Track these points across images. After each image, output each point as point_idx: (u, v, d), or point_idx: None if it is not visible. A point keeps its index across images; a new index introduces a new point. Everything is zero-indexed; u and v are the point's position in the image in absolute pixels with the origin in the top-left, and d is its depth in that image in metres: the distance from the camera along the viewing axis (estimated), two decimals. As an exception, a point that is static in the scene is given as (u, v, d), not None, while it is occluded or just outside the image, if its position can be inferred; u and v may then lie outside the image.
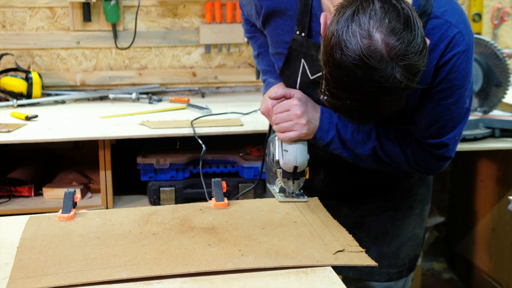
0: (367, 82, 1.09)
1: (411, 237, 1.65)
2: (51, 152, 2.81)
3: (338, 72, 1.11)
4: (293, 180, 1.44)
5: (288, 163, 1.41)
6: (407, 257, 1.66)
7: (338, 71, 1.11)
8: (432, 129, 1.39)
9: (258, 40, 1.62)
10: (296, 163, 1.41)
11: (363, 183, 1.59)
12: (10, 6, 2.87)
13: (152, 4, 2.96)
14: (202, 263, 1.12)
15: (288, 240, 1.23)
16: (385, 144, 1.42)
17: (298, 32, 1.41)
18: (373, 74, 1.08)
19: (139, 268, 1.10)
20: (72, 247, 1.19)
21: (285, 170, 1.42)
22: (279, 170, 1.44)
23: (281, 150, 1.42)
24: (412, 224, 1.65)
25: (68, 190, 1.38)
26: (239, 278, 1.08)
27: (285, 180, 1.44)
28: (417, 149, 1.42)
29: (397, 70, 1.08)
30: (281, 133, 1.42)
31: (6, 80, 2.73)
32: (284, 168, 1.42)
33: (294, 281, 1.08)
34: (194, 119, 2.41)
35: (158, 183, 2.42)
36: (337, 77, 1.12)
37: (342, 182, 1.60)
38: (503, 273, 2.78)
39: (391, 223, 1.62)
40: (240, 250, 1.18)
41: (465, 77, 1.33)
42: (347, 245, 1.22)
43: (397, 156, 1.43)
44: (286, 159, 1.41)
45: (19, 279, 1.06)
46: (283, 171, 1.43)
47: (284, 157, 1.41)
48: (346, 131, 1.42)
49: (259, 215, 1.37)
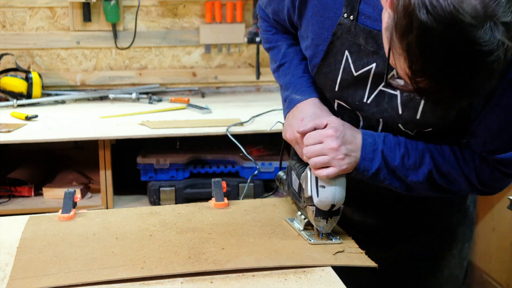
0: (463, 44, 0.89)
1: (449, 279, 1.47)
2: (51, 152, 2.81)
3: (424, 39, 0.91)
4: (327, 219, 1.23)
5: (325, 201, 1.20)
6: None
7: (424, 37, 0.90)
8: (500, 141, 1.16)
9: (281, 50, 1.41)
10: (334, 201, 1.20)
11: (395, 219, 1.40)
12: (10, 6, 2.87)
13: (152, 4, 2.96)
14: (202, 263, 1.12)
15: (288, 240, 1.23)
16: (443, 167, 1.20)
17: (346, 15, 1.19)
18: (469, 33, 0.88)
19: (139, 268, 1.10)
20: (72, 247, 1.19)
21: (319, 209, 1.21)
22: (312, 208, 1.22)
23: (316, 186, 1.21)
24: (450, 265, 1.46)
25: (68, 190, 1.38)
26: (239, 278, 1.08)
27: (318, 219, 1.22)
28: (483, 168, 1.20)
29: (496, 28, 0.89)
30: (316, 169, 1.20)
31: (6, 80, 2.73)
32: (319, 206, 1.21)
33: (294, 281, 1.08)
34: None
35: (158, 183, 2.42)
36: (423, 45, 0.91)
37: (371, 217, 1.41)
38: (503, 273, 2.78)
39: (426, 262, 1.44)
40: (240, 250, 1.18)
41: None
42: (347, 246, 1.22)
43: (457, 178, 1.21)
44: (322, 196, 1.20)
45: (19, 279, 1.06)
46: (316, 209, 1.21)
47: (320, 194, 1.20)
48: (394, 156, 1.20)
49: (259, 215, 1.37)
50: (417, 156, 1.21)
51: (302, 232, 1.28)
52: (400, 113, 1.19)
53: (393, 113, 1.20)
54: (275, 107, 2.57)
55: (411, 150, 1.21)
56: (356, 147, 1.20)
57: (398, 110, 1.19)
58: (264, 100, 2.85)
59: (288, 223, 1.33)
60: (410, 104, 1.18)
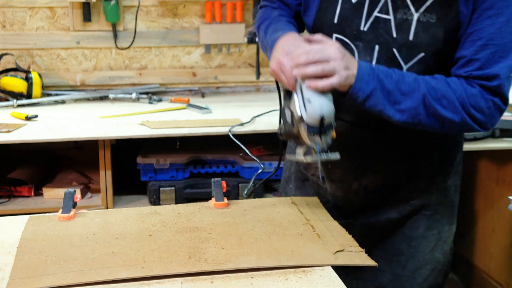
0: None
1: (429, 261, 1.52)
2: (51, 152, 2.81)
3: None
4: (321, 135, 1.23)
5: (314, 115, 1.21)
6: (426, 283, 1.52)
7: None
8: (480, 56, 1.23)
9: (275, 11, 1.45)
10: (322, 113, 1.20)
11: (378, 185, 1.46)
12: (10, 6, 2.87)
13: (152, 4, 2.96)
14: (202, 263, 1.12)
15: (288, 239, 1.23)
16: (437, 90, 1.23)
17: None
18: None
19: (139, 268, 1.10)
20: (72, 247, 1.19)
21: (310, 126, 1.22)
22: (304, 127, 1.23)
23: (303, 102, 1.22)
24: (430, 246, 1.51)
25: (68, 190, 1.38)
26: (239, 278, 1.08)
27: (312, 136, 1.23)
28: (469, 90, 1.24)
29: None
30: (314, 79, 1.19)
31: (6, 80, 2.73)
32: (309, 122, 1.21)
33: (294, 281, 1.08)
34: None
35: (158, 183, 2.42)
36: None
37: (353, 194, 1.48)
38: (503, 273, 2.78)
39: (406, 244, 1.51)
40: (240, 250, 1.18)
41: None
42: (347, 245, 1.21)
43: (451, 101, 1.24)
44: (310, 110, 1.21)
45: (19, 279, 1.06)
46: (308, 126, 1.22)
47: (307, 109, 1.21)
48: (389, 81, 1.23)
49: (259, 215, 1.37)
50: (411, 81, 1.23)
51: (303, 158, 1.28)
52: (395, 36, 1.28)
53: (388, 37, 1.28)
54: (275, 107, 2.57)
55: (406, 76, 1.24)
56: (354, 65, 1.22)
57: (393, 34, 1.28)
58: (264, 100, 2.85)
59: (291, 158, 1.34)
60: (403, 26, 1.26)
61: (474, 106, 1.25)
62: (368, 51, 1.32)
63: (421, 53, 1.28)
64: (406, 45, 1.28)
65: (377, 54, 1.31)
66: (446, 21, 1.25)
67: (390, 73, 1.24)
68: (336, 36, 1.35)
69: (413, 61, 1.29)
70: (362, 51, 1.33)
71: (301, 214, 1.39)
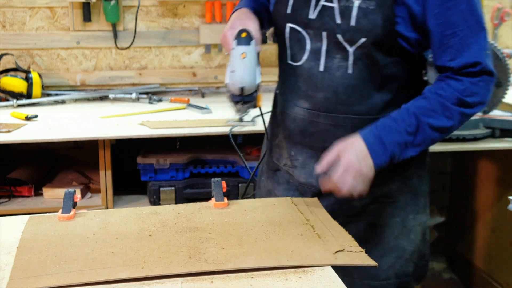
0: None
1: (394, 248, 1.56)
2: (51, 152, 2.81)
3: None
4: (242, 103, 1.39)
5: (235, 84, 1.35)
6: (392, 270, 1.56)
7: None
8: (453, 43, 1.36)
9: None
10: (242, 83, 1.35)
11: None
12: (10, 6, 2.87)
13: (152, 4, 2.96)
14: (202, 263, 1.12)
15: (288, 240, 1.23)
16: (435, 110, 1.39)
17: None
18: None
19: (139, 268, 1.10)
20: (72, 247, 1.19)
21: (232, 93, 1.37)
22: (228, 94, 1.39)
23: (228, 72, 1.36)
24: (394, 233, 1.56)
25: (68, 190, 1.37)
26: (239, 278, 1.08)
27: (233, 102, 1.39)
28: (459, 87, 1.38)
29: None
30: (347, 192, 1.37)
31: (6, 80, 2.73)
32: (231, 89, 1.36)
33: (294, 281, 1.08)
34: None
35: (158, 183, 2.42)
36: None
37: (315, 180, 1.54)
38: (503, 273, 2.78)
39: (370, 231, 1.54)
40: (240, 250, 1.18)
41: None
42: (347, 245, 1.22)
43: (451, 111, 1.39)
44: (231, 79, 1.35)
45: (19, 279, 1.06)
46: (231, 95, 1.38)
47: (230, 78, 1.35)
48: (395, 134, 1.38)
49: (259, 215, 1.37)
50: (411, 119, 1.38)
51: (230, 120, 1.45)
52: (338, 23, 1.40)
53: (332, 24, 1.41)
54: (275, 107, 2.57)
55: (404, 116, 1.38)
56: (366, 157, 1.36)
57: (336, 20, 1.40)
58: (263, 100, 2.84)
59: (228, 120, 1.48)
60: (346, 13, 1.39)
61: (469, 95, 1.39)
62: (318, 37, 1.44)
63: (362, 38, 1.38)
64: (349, 30, 1.39)
65: (326, 40, 1.43)
66: (384, 8, 1.37)
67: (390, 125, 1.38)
68: (289, 26, 1.49)
69: (356, 45, 1.40)
70: (313, 37, 1.45)
71: (301, 214, 1.39)
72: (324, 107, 1.48)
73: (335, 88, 1.45)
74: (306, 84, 1.49)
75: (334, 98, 1.46)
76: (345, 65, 1.42)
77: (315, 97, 1.47)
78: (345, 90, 1.45)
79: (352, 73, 1.43)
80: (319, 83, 1.46)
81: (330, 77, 1.45)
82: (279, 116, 1.62)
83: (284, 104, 1.58)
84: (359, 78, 1.43)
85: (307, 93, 1.49)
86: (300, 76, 1.50)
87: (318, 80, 1.46)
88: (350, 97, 1.45)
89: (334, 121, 1.48)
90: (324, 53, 1.44)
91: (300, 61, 1.49)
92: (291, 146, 1.57)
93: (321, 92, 1.47)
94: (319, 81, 1.46)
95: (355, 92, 1.44)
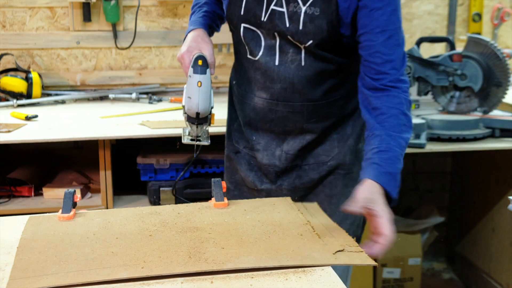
0: None
1: (348, 215, 1.64)
2: (51, 152, 2.81)
3: None
4: (197, 125, 1.52)
5: (191, 109, 1.48)
6: None
7: None
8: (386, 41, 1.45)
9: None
10: (198, 109, 1.48)
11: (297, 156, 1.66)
12: (10, 6, 2.87)
13: (152, 4, 2.96)
14: (202, 263, 1.12)
15: (288, 240, 1.23)
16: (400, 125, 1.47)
17: None
18: None
19: (139, 268, 1.10)
20: (72, 247, 1.19)
21: (189, 116, 1.51)
22: (185, 115, 1.52)
23: (186, 96, 1.49)
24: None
25: (68, 190, 1.38)
26: (239, 278, 1.08)
27: (189, 124, 1.52)
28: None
29: None
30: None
31: (6, 80, 2.73)
32: (188, 113, 1.50)
33: (294, 281, 1.08)
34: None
35: (158, 183, 2.42)
36: None
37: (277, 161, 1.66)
38: (503, 273, 2.78)
39: (327, 201, 1.66)
40: (240, 250, 1.18)
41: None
42: (346, 245, 1.22)
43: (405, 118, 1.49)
44: (188, 105, 1.48)
45: (19, 279, 1.06)
46: (187, 116, 1.51)
47: (187, 103, 1.48)
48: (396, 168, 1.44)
49: (259, 215, 1.37)
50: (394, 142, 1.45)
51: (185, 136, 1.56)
52: (288, 26, 1.50)
53: (282, 27, 1.50)
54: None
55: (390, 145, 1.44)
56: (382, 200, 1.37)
57: (286, 24, 1.50)
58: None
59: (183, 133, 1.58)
60: (294, 17, 1.49)
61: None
62: (271, 36, 1.54)
63: (310, 40, 1.49)
64: (298, 33, 1.49)
65: (278, 38, 1.53)
66: (328, 14, 1.46)
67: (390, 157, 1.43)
68: (243, 25, 1.57)
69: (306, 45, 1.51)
70: (266, 36, 1.55)
71: (301, 214, 1.39)
72: (282, 97, 1.59)
73: (291, 80, 1.56)
74: (264, 77, 1.59)
75: (291, 88, 1.57)
76: (298, 58, 1.54)
77: (273, 88, 1.58)
78: (300, 80, 1.56)
79: (304, 65, 1.54)
80: (276, 76, 1.57)
81: (285, 70, 1.56)
82: (237, 105, 1.74)
83: (243, 95, 1.68)
84: (312, 69, 1.55)
85: (265, 84, 1.59)
86: (258, 70, 1.60)
87: (274, 73, 1.57)
88: (305, 86, 1.57)
89: (292, 109, 1.60)
90: (278, 48, 1.55)
91: (257, 56, 1.58)
92: (251, 132, 1.69)
93: (278, 84, 1.58)
94: (275, 74, 1.57)
95: (309, 81, 1.56)
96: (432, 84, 2.54)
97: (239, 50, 1.65)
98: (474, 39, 2.53)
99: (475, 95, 2.52)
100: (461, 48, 2.63)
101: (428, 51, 3.11)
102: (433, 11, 3.21)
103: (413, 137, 2.31)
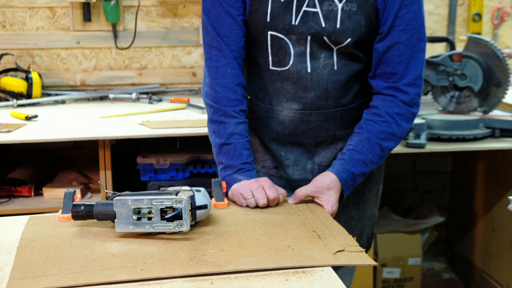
0: None
1: (370, 217, 1.74)
2: (51, 152, 2.81)
3: None
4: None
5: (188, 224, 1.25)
6: (366, 236, 1.76)
7: None
8: (402, 39, 1.48)
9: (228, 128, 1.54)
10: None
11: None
12: (10, 6, 2.87)
13: (152, 4, 2.96)
14: (202, 264, 1.12)
15: (288, 240, 1.23)
16: (386, 131, 1.51)
17: None
18: None
19: (138, 269, 1.10)
20: (72, 248, 1.19)
21: None
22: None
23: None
24: (371, 205, 1.74)
25: (68, 190, 1.37)
26: (239, 279, 1.08)
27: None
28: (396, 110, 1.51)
29: None
30: None
31: (6, 80, 2.73)
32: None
33: (294, 281, 1.08)
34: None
35: (158, 183, 2.42)
36: None
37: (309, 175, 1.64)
38: (503, 273, 2.78)
39: (356, 208, 1.69)
40: (240, 251, 1.18)
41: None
42: (347, 245, 1.21)
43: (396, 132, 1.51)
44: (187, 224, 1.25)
45: (19, 279, 1.06)
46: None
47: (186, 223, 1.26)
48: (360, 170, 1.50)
49: (259, 215, 1.37)
50: (369, 144, 1.49)
51: None
52: (324, 26, 1.47)
53: (318, 28, 1.47)
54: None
55: (368, 148, 1.49)
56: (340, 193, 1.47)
57: (322, 24, 1.47)
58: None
59: None
60: (330, 16, 1.46)
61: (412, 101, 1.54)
62: (301, 42, 1.50)
63: (348, 38, 1.47)
64: (335, 32, 1.47)
65: (309, 43, 1.50)
66: (366, 8, 1.46)
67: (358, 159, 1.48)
68: (270, 33, 1.51)
69: (341, 45, 1.49)
70: (295, 43, 1.50)
71: (301, 215, 1.39)
72: (315, 105, 1.56)
73: (325, 86, 1.53)
74: (296, 86, 1.54)
75: (325, 95, 1.54)
76: (330, 63, 1.51)
77: (306, 97, 1.55)
78: (333, 85, 1.54)
79: (337, 69, 1.52)
80: (309, 84, 1.53)
81: (318, 76, 1.53)
82: (258, 121, 1.65)
83: (267, 109, 1.61)
84: (345, 72, 1.53)
85: (296, 94, 1.55)
86: (287, 80, 1.54)
87: (307, 81, 1.53)
88: (338, 91, 1.55)
89: (325, 117, 1.57)
90: (308, 55, 1.51)
91: (288, 65, 1.53)
92: (279, 148, 1.63)
93: (311, 92, 1.54)
94: (308, 82, 1.53)
95: (342, 86, 1.54)
96: (432, 84, 2.54)
97: (259, 62, 1.58)
98: (474, 39, 2.53)
99: (475, 95, 2.52)
100: (461, 48, 2.63)
101: (428, 51, 3.11)
102: (433, 11, 3.21)
103: (413, 137, 2.32)
